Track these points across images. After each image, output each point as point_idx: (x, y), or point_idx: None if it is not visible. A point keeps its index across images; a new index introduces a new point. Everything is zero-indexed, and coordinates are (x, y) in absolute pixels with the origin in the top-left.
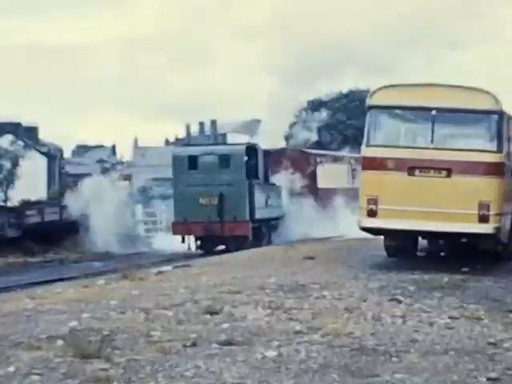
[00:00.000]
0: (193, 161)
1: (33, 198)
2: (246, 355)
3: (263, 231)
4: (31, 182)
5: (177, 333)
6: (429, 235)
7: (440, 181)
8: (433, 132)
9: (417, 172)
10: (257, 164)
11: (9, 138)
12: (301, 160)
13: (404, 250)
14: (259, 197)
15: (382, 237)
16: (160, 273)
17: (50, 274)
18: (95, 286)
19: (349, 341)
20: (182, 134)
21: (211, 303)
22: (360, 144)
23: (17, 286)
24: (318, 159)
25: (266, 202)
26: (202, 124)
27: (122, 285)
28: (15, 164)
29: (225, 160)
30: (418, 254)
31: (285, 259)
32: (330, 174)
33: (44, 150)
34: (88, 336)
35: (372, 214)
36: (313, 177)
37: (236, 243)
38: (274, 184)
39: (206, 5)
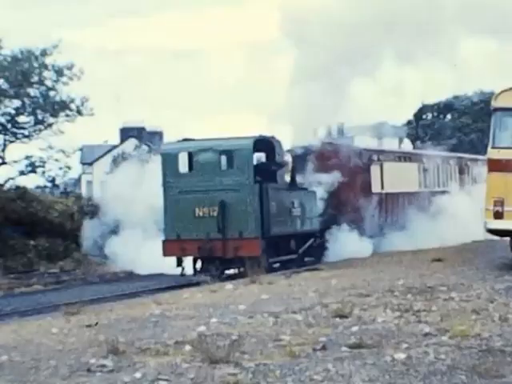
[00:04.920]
0: (186, 160)
1: None
2: (375, 358)
3: (288, 250)
4: (156, 187)
5: (306, 336)
6: None
7: None
8: None
9: None
10: (273, 163)
11: (133, 142)
12: (350, 158)
13: None
14: (277, 205)
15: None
16: (289, 277)
17: (176, 280)
18: (223, 290)
19: (476, 342)
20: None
21: (340, 306)
22: (486, 147)
23: (143, 291)
24: (375, 156)
25: (290, 212)
26: (328, 127)
27: (251, 289)
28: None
29: (227, 158)
30: None
31: (413, 262)
32: (391, 176)
33: None
34: (216, 341)
35: (498, 215)
36: (366, 179)
37: (243, 266)
38: (304, 189)
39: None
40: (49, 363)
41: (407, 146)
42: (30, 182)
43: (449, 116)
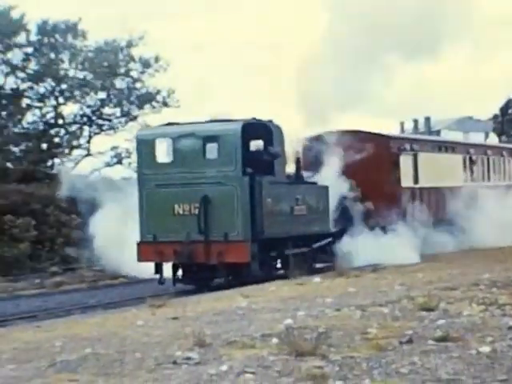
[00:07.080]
0: (164, 147)
1: None
2: (460, 351)
3: (286, 257)
4: None
5: (392, 329)
6: None
7: None
8: None
9: None
10: (270, 151)
11: None
12: (376, 148)
13: None
14: (273, 202)
15: None
16: (376, 270)
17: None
18: (310, 283)
19: None
20: (395, 132)
21: (427, 300)
22: None
23: (228, 284)
24: (407, 146)
25: (292, 210)
26: (415, 121)
27: (338, 282)
28: None
29: (212, 145)
30: None
31: (498, 256)
32: (427, 168)
33: None
34: (303, 333)
35: None
36: (394, 171)
37: (229, 275)
38: (313, 183)
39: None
40: (134, 356)
41: (493, 140)
42: (116, 173)
43: None
